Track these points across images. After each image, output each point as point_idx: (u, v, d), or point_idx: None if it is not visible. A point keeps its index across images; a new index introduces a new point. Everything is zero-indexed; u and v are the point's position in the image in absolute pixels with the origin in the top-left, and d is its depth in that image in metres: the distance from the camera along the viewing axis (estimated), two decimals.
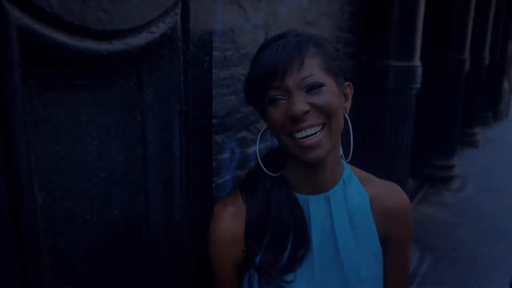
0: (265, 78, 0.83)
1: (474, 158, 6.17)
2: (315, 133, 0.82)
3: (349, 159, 0.94)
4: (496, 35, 7.90)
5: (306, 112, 0.81)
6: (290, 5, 2.03)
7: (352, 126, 0.91)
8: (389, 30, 2.78)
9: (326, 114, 0.82)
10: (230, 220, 0.91)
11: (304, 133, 0.82)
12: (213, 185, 1.48)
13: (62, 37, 0.62)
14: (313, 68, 0.82)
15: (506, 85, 9.28)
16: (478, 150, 6.72)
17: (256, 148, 1.02)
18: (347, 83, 0.91)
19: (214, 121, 1.55)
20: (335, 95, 0.84)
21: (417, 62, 2.88)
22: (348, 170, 0.97)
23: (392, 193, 0.98)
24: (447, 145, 5.09)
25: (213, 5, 1.50)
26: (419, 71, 2.89)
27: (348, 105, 0.91)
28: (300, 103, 0.80)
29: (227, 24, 1.63)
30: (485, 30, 6.78)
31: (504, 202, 4.53)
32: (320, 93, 0.82)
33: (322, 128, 0.83)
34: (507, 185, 5.02)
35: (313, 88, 0.81)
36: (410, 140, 2.99)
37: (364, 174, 1.00)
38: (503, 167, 5.73)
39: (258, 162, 0.92)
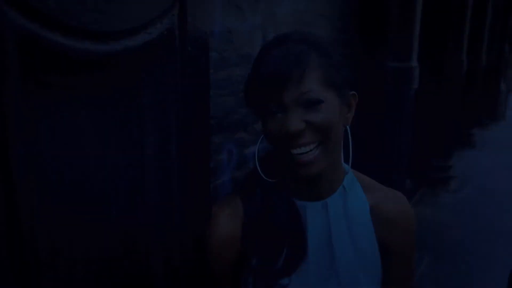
0: (263, 89, 0.80)
1: (471, 159, 6.17)
2: (310, 150, 0.80)
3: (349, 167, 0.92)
4: (493, 36, 7.93)
5: (301, 130, 0.79)
6: (287, 6, 2.03)
7: (351, 131, 0.88)
8: (387, 31, 2.79)
9: (322, 132, 0.80)
10: (227, 221, 0.91)
11: (299, 150, 0.80)
12: (211, 186, 1.48)
13: (59, 38, 0.62)
14: (312, 83, 0.78)
15: (503, 86, 9.30)
16: (475, 151, 6.72)
17: (254, 149, 1.01)
18: (351, 92, 0.88)
19: (211, 121, 1.55)
20: (334, 111, 0.81)
21: (415, 63, 2.89)
22: (350, 176, 0.94)
23: (394, 201, 0.96)
24: (444, 146, 5.09)
25: (211, 6, 1.50)
26: (417, 71, 2.90)
27: (350, 115, 0.88)
28: (296, 121, 0.78)
29: (224, 25, 1.63)
30: (482, 31, 6.80)
31: (502, 203, 4.53)
32: (317, 110, 0.79)
33: (318, 145, 0.81)
34: (504, 185, 5.02)
35: (311, 104, 0.78)
36: (408, 140, 3.00)
37: (368, 180, 0.98)
38: (500, 168, 5.74)
39: (257, 166, 0.91)
